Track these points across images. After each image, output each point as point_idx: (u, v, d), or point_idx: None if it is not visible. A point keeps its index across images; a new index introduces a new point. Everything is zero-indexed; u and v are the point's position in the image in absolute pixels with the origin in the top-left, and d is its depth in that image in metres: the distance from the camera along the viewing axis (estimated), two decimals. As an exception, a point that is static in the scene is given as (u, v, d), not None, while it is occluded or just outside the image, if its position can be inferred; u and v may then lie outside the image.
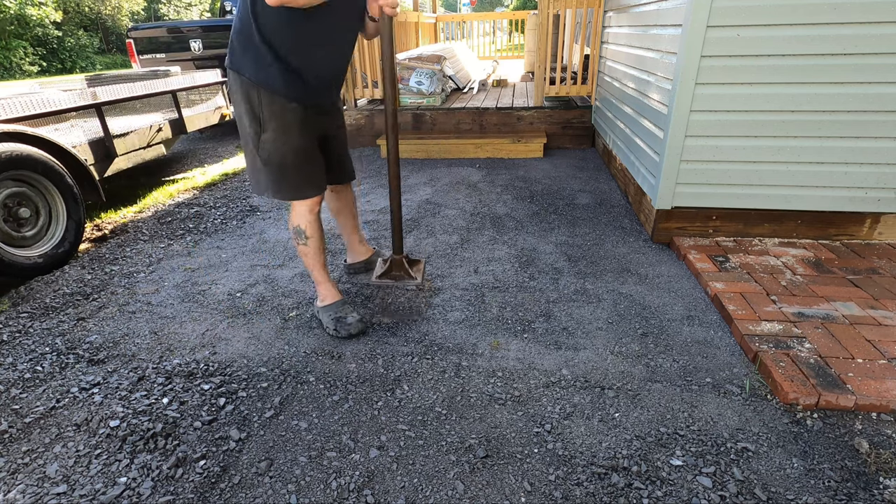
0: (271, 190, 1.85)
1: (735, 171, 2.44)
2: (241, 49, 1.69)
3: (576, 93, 4.71)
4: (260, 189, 1.88)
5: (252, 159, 1.83)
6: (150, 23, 7.50)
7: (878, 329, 1.83)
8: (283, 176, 1.81)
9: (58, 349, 1.97)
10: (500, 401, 1.63)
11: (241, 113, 1.76)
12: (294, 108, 1.73)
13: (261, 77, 1.67)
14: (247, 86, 1.70)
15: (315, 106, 1.80)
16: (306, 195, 1.87)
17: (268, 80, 1.68)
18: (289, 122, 1.74)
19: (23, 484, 1.38)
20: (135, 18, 25.95)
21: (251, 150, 1.81)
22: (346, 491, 1.33)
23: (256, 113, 1.73)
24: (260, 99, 1.70)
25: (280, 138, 1.75)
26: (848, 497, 1.27)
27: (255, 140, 1.77)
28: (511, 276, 2.41)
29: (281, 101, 1.71)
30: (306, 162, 1.83)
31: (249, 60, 1.67)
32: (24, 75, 18.68)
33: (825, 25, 2.12)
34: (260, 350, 1.93)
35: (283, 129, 1.74)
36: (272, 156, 1.77)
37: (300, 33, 1.64)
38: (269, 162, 1.78)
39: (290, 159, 1.78)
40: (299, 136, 1.77)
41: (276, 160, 1.78)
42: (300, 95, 1.73)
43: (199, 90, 4.49)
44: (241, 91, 1.72)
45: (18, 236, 2.56)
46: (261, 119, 1.73)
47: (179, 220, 3.32)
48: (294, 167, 1.80)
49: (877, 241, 2.51)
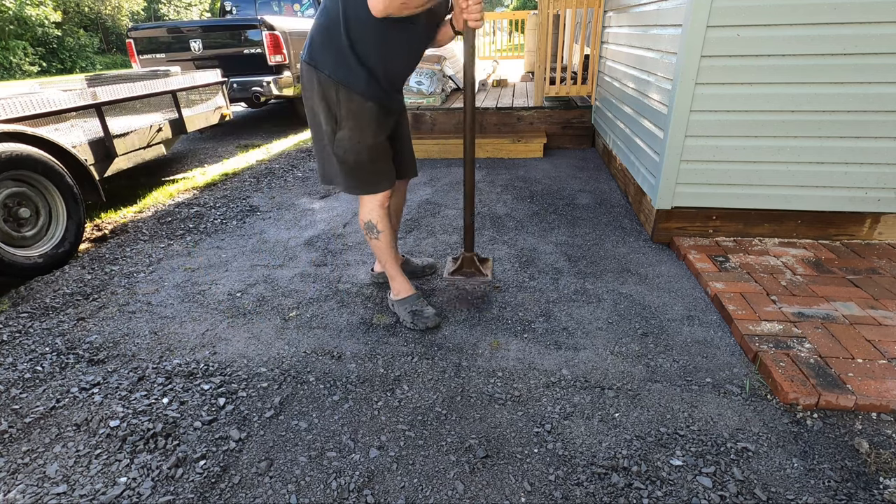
0: (343, 184, 1.89)
1: (735, 171, 2.44)
2: (322, 46, 1.71)
3: (576, 93, 4.71)
4: (330, 181, 1.93)
5: (324, 154, 1.88)
6: (150, 23, 7.49)
7: (878, 329, 1.83)
8: (357, 172, 1.85)
9: (58, 349, 1.97)
10: (500, 401, 1.63)
11: (316, 109, 1.79)
12: (371, 108, 1.76)
13: (341, 75, 1.70)
14: (325, 83, 1.72)
15: (387, 106, 1.83)
16: (378, 189, 1.91)
17: (348, 79, 1.70)
18: (365, 121, 1.77)
19: (23, 484, 1.38)
20: (135, 18, 25.95)
21: (325, 146, 1.85)
22: (346, 491, 1.33)
23: (333, 111, 1.76)
24: (338, 97, 1.73)
25: (356, 136, 1.78)
26: (848, 497, 1.27)
27: (329, 137, 1.81)
28: (511, 275, 2.41)
29: (359, 100, 1.73)
30: (379, 158, 1.86)
31: (330, 58, 1.70)
32: (24, 75, 18.67)
33: (825, 25, 2.12)
34: (260, 350, 1.93)
35: (360, 127, 1.77)
36: (347, 153, 1.80)
37: (386, 40, 1.68)
38: (344, 159, 1.81)
39: (364, 156, 1.81)
40: (374, 134, 1.80)
41: (352, 157, 1.81)
42: (377, 96, 1.76)
43: (199, 90, 4.48)
44: (318, 87, 1.74)
45: (18, 236, 2.56)
46: (337, 117, 1.76)
47: (179, 220, 3.32)
48: (368, 163, 1.84)
49: (877, 241, 2.51)
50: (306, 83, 1.79)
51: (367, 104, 1.74)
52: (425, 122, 4.85)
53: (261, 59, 5.90)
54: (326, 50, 1.70)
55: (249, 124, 7.16)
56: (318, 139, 1.87)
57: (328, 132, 1.80)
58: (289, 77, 6.13)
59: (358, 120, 1.76)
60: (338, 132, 1.79)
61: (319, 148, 1.89)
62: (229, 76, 5.58)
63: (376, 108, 1.77)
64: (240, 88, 5.89)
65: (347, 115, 1.75)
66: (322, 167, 1.94)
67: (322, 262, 2.64)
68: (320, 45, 1.71)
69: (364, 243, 2.83)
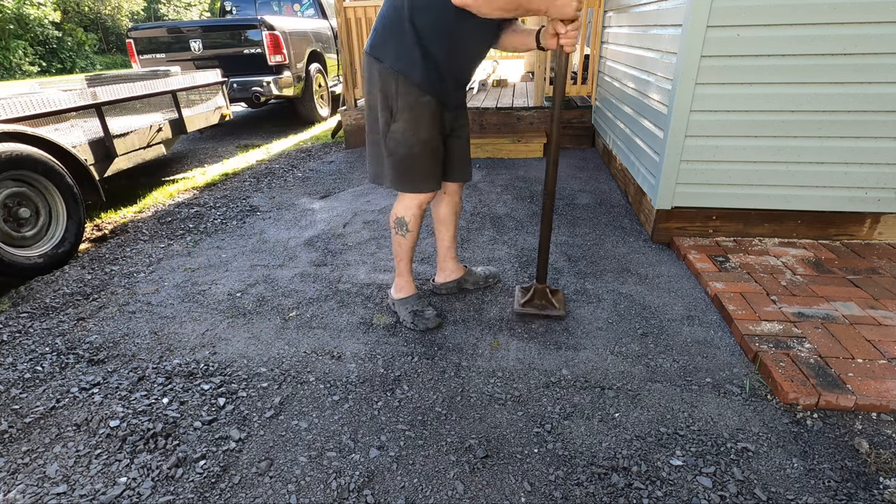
0: (390, 179, 1.85)
1: (735, 171, 2.44)
2: (385, 37, 1.70)
3: (576, 93, 4.71)
4: (379, 178, 1.90)
5: (376, 147, 1.85)
6: (150, 23, 7.50)
7: (878, 329, 1.83)
8: (406, 167, 1.82)
9: (58, 349, 1.97)
10: (500, 401, 1.63)
11: (374, 101, 1.78)
12: (428, 101, 1.74)
13: (401, 66, 1.68)
14: (385, 74, 1.71)
15: (445, 103, 1.81)
16: (422, 189, 1.87)
17: (408, 70, 1.68)
18: (421, 114, 1.75)
19: (23, 484, 1.38)
20: (134, 18, 25.95)
21: (377, 139, 1.83)
22: (346, 491, 1.33)
23: (390, 102, 1.74)
24: (397, 88, 1.71)
25: (410, 129, 1.76)
26: (848, 497, 1.27)
27: (384, 129, 1.78)
28: (511, 275, 2.41)
29: (416, 93, 1.72)
30: (430, 156, 1.83)
31: (392, 50, 1.68)
32: (24, 75, 18.67)
33: (825, 25, 2.12)
34: (260, 350, 1.93)
35: (415, 119, 1.75)
36: (399, 146, 1.78)
37: (452, 33, 1.66)
38: (395, 152, 1.79)
39: (416, 150, 1.79)
40: (428, 129, 1.78)
41: (403, 150, 1.78)
42: (436, 91, 1.74)
43: (199, 90, 4.48)
44: (378, 78, 1.73)
45: (18, 236, 2.56)
46: (393, 109, 1.74)
47: (179, 220, 3.32)
48: (418, 159, 1.81)
49: (877, 241, 2.51)
50: (366, 75, 1.78)
51: (424, 97, 1.72)
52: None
53: (261, 59, 5.90)
54: (388, 40, 1.69)
55: (249, 124, 7.16)
56: (373, 132, 1.85)
57: (382, 124, 1.78)
58: (289, 77, 6.13)
59: (413, 112, 1.73)
60: (392, 124, 1.76)
61: (373, 142, 1.87)
62: (229, 76, 5.58)
63: (434, 103, 1.75)
64: (240, 88, 5.89)
65: (404, 107, 1.73)
66: (373, 163, 1.91)
67: (322, 262, 2.64)
68: (382, 35, 1.70)
69: (364, 243, 2.83)
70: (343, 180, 4.06)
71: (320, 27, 7.13)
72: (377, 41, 1.72)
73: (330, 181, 4.05)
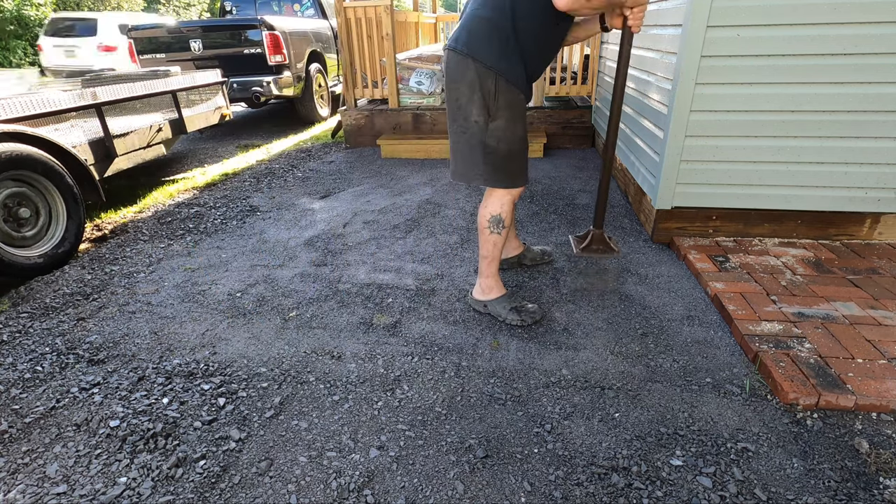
0: (485, 176, 1.87)
1: (735, 171, 2.44)
2: (483, 37, 1.72)
3: (576, 93, 4.71)
4: (468, 177, 1.91)
5: (469, 146, 1.85)
6: (149, 23, 7.50)
7: (878, 329, 1.83)
8: (506, 164, 1.85)
9: (58, 349, 1.97)
10: (500, 401, 1.63)
11: (463, 100, 1.79)
12: (522, 100, 1.82)
13: (502, 67, 1.72)
14: (483, 73, 1.73)
15: (527, 99, 1.88)
16: (518, 183, 1.92)
17: (509, 71, 1.73)
18: (518, 112, 1.81)
19: (23, 484, 1.38)
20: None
21: (469, 138, 1.83)
22: (346, 491, 1.33)
23: (487, 101, 1.76)
24: (497, 88, 1.74)
25: (510, 127, 1.80)
26: (848, 497, 1.27)
27: (481, 127, 1.80)
28: (511, 275, 2.41)
29: (515, 92, 1.77)
30: (524, 152, 1.90)
31: (493, 50, 1.72)
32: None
33: (825, 25, 2.12)
34: (260, 350, 1.93)
35: (514, 118, 1.80)
36: (501, 142, 1.81)
37: (547, 35, 1.74)
38: (497, 149, 1.82)
39: (516, 147, 1.84)
40: (523, 125, 1.85)
41: (504, 148, 1.82)
42: (523, 88, 1.81)
43: (199, 90, 4.48)
44: (474, 77, 1.74)
45: (18, 236, 2.56)
46: (491, 108, 1.77)
47: (179, 220, 3.32)
48: (517, 155, 1.86)
49: (877, 241, 2.51)
50: (456, 74, 1.78)
51: (519, 95, 1.79)
52: (425, 122, 4.86)
53: (261, 59, 5.90)
54: (488, 41, 1.72)
55: (249, 124, 7.16)
56: (461, 131, 1.85)
57: (478, 123, 1.80)
58: (289, 77, 6.13)
59: (513, 111, 1.79)
60: (490, 123, 1.79)
61: (464, 142, 1.86)
62: (229, 76, 5.58)
63: (524, 100, 1.83)
64: (240, 88, 5.89)
65: (504, 105, 1.76)
66: (461, 162, 1.91)
67: (322, 262, 2.64)
68: (480, 35, 1.73)
69: (364, 243, 2.83)
70: (343, 180, 4.06)
71: (320, 27, 7.13)
72: (474, 41, 1.73)
73: (330, 181, 4.05)
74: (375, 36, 4.78)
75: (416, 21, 7.12)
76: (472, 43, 1.73)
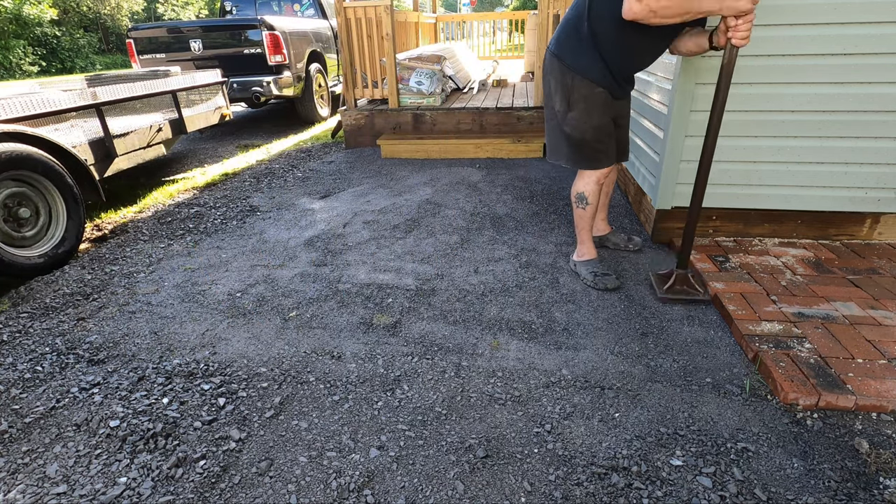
0: (566, 158, 2.19)
1: (735, 171, 2.44)
2: (565, 38, 2.02)
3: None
4: (558, 157, 2.23)
5: (556, 133, 2.18)
6: (150, 23, 7.50)
7: (878, 329, 1.83)
8: (582, 149, 2.13)
9: (58, 349, 1.97)
10: (500, 401, 1.63)
11: (554, 92, 2.09)
12: (599, 92, 2.01)
13: (577, 64, 1.99)
14: (563, 70, 2.02)
15: (615, 93, 2.06)
16: (597, 166, 2.16)
17: (582, 68, 1.98)
18: (593, 104, 2.03)
19: (23, 484, 1.38)
20: (134, 18, 25.93)
21: (556, 125, 2.15)
22: (346, 491, 1.33)
23: (566, 94, 2.05)
24: (573, 83, 2.01)
25: (583, 117, 2.05)
26: (848, 497, 1.27)
27: (562, 117, 2.10)
28: (511, 275, 2.41)
29: (590, 86, 2.00)
30: (602, 138, 2.11)
31: (571, 50, 2.00)
32: (24, 75, 18.66)
33: (825, 25, 2.12)
34: (260, 350, 1.93)
35: (588, 109, 2.04)
36: (574, 131, 2.09)
37: (624, 39, 1.88)
38: (571, 136, 2.11)
39: (589, 135, 2.08)
40: (600, 116, 2.06)
41: (578, 135, 2.09)
42: (607, 84, 2.00)
43: (199, 90, 4.48)
44: (559, 74, 2.04)
45: (18, 236, 2.56)
46: (570, 100, 2.05)
47: (179, 220, 3.32)
48: (592, 142, 2.10)
49: (877, 241, 2.51)
50: (548, 69, 2.11)
51: (597, 90, 2.00)
52: (425, 122, 4.86)
53: (261, 59, 5.90)
54: (568, 41, 2.00)
55: (249, 124, 7.16)
56: (550, 118, 2.18)
57: (560, 112, 2.09)
58: (289, 77, 6.13)
59: (587, 103, 2.03)
60: (569, 113, 2.07)
61: (551, 127, 2.19)
62: (229, 76, 5.58)
63: (605, 94, 2.02)
64: (240, 88, 5.89)
65: (579, 98, 2.02)
66: (553, 145, 2.23)
67: (322, 262, 2.64)
68: (565, 36, 2.02)
69: (364, 243, 2.83)
70: (343, 180, 4.06)
71: (320, 27, 7.13)
72: (560, 42, 2.03)
73: (330, 181, 4.05)
74: (375, 36, 4.78)
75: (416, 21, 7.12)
76: (559, 44, 2.04)
